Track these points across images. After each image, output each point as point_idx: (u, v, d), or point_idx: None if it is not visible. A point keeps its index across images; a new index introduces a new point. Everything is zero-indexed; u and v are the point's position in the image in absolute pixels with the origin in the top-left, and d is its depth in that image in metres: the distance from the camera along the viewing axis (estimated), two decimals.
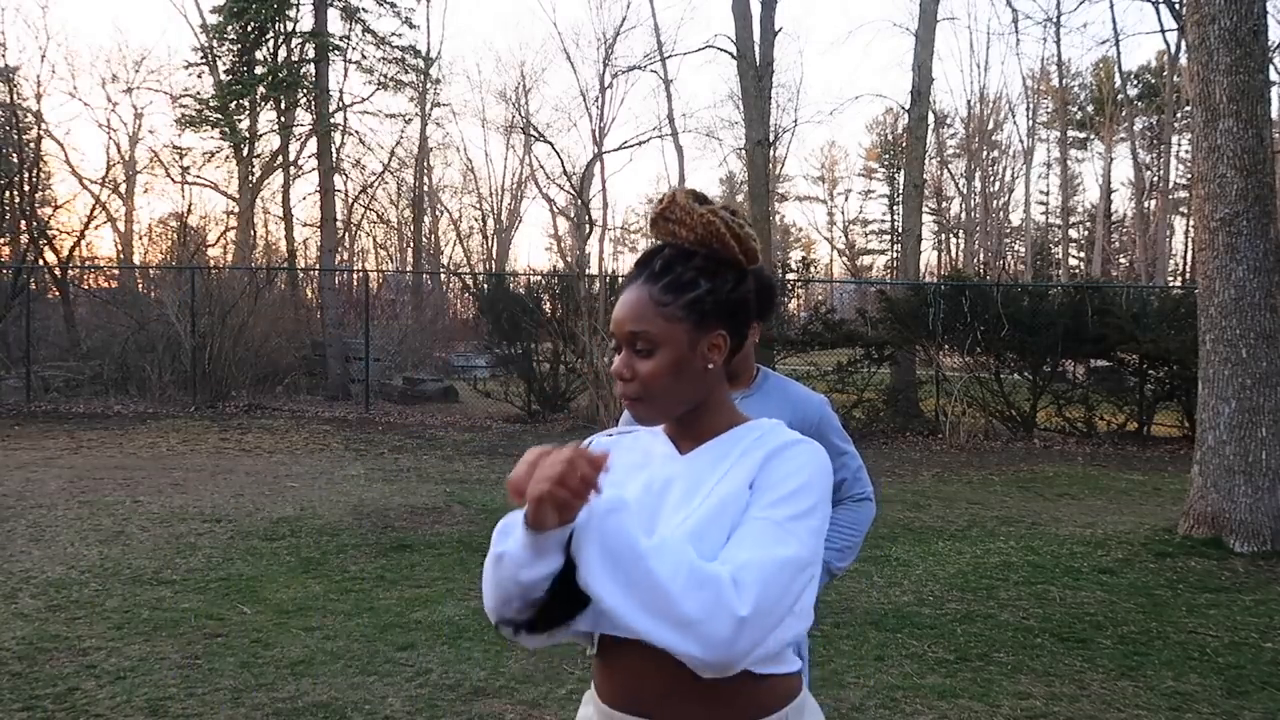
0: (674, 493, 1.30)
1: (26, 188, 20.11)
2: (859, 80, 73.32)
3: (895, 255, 49.37)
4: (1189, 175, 31.22)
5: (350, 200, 29.06)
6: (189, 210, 28.34)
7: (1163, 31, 31.26)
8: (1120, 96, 39.01)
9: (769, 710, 1.27)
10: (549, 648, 4.49)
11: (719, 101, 72.82)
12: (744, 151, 19.50)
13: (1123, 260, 47.92)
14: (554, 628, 1.22)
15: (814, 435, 2.45)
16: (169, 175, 27.68)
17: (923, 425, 14.19)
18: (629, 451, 1.39)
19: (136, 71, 29.29)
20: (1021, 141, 43.79)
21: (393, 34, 23.31)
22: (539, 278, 18.14)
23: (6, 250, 20.33)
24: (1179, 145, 36.03)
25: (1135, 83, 42.87)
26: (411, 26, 23.80)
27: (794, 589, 1.20)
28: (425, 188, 34.76)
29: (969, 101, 45.90)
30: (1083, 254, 50.25)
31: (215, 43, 23.48)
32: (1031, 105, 41.99)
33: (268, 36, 21.53)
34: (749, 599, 1.14)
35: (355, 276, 23.28)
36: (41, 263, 19.67)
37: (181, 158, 26.33)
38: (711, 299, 1.31)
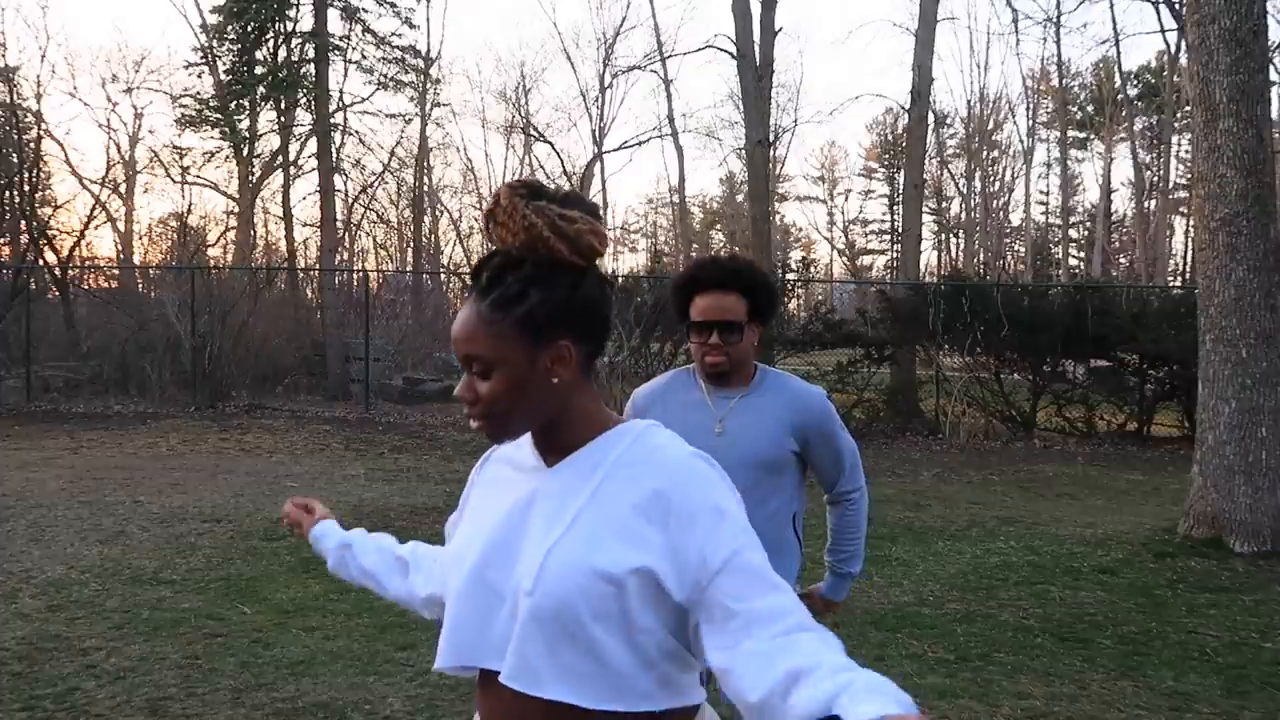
0: (538, 511, 1.23)
1: (26, 188, 20.10)
2: (859, 80, 73.59)
3: (895, 255, 49.36)
4: (1189, 175, 31.22)
5: (350, 200, 29.03)
6: (189, 210, 28.35)
7: (1163, 31, 31.27)
8: (1120, 96, 39.00)
9: None
10: None
11: (719, 101, 72.90)
12: (744, 151, 19.52)
13: (1123, 260, 47.89)
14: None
15: (818, 428, 2.46)
16: (169, 175, 27.69)
17: (923, 425, 14.18)
18: (503, 464, 1.35)
19: (136, 71, 29.17)
20: (1021, 141, 43.84)
21: (393, 34, 23.38)
22: None
23: (6, 250, 20.32)
24: (1179, 145, 36.04)
25: (1135, 83, 42.87)
26: (411, 26, 23.85)
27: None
28: (425, 188, 34.74)
29: (969, 101, 46.05)
30: (1083, 254, 50.23)
31: (215, 43, 23.51)
32: (1031, 105, 42.04)
33: (268, 36, 21.54)
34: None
35: (355, 276, 23.24)
36: (41, 263, 19.66)
37: (181, 158, 26.36)
38: (544, 310, 1.19)
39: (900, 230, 27.28)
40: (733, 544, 1.16)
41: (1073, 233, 49.93)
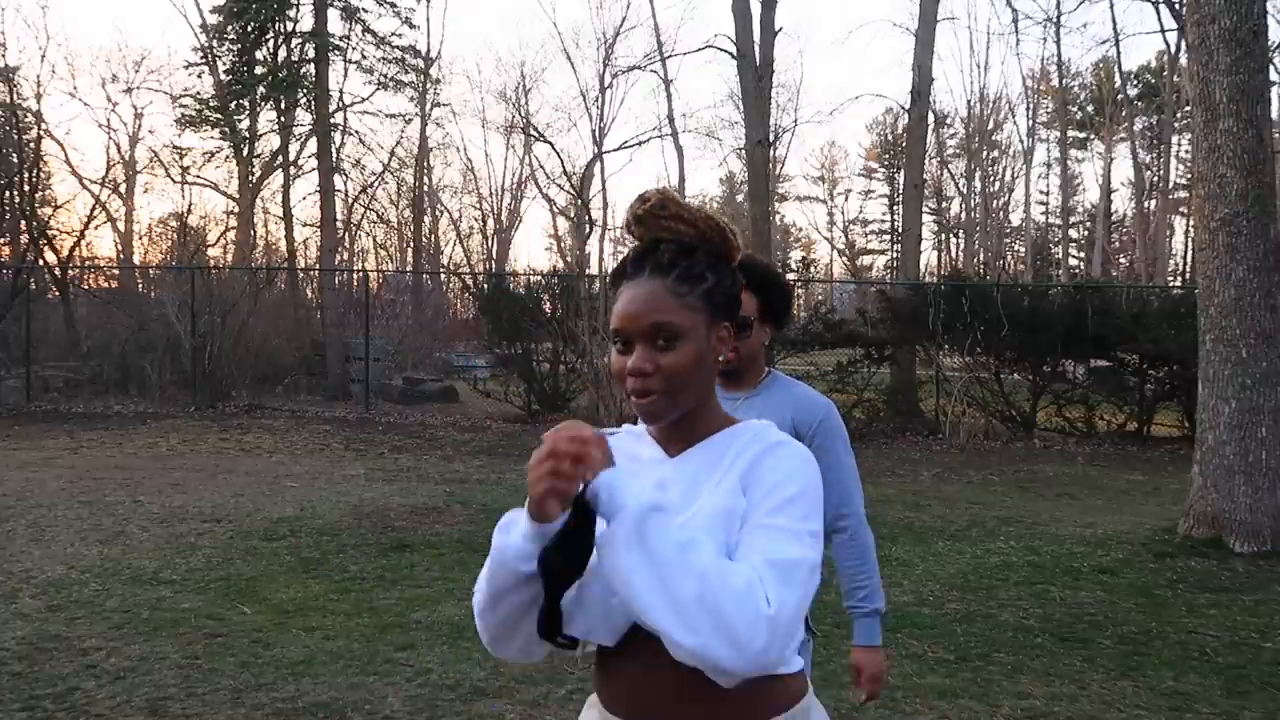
0: (670, 496, 1.27)
1: (26, 188, 20.10)
2: (859, 80, 73.50)
3: (895, 255, 49.36)
4: (1189, 175, 31.22)
5: (350, 200, 29.04)
6: (189, 210, 28.35)
7: (1163, 31, 31.24)
8: (1120, 96, 38.99)
9: (777, 711, 1.27)
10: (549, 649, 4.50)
11: (719, 101, 72.79)
12: (744, 151, 19.52)
13: (1123, 260, 47.88)
14: (551, 632, 1.23)
15: (810, 438, 2.37)
16: (169, 175, 27.69)
17: (923, 425, 14.18)
18: (617, 454, 1.37)
19: (136, 71, 29.11)
20: (1021, 141, 43.79)
21: (393, 34, 23.38)
22: (539, 278, 18.15)
23: (6, 250, 20.32)
24: (1179, 145, 36.03)
25: (1135, 83, 42.86)
26: (411, 26, 23.85)
27: (809, 590, 1.20)
28: (425, 188, 34.75)
29: (969, 101, 45.98)
30: (1083, 254, 50.22)
31: (215, 43, 23.51)
32: (1031, 105, 42.00)
33: (268, 36, 21.55)
34: (774, 600, 1.13)
35: (355, 276, 23.25)
36: (41, 263, 19.67)
37: (181, 158, 26.36)
38: (720, 291, 1.31)
39: (900, 230, 27.29)
40: (779, 516, 1.22)
41: (1073, 233, 49.93)
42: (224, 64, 23.38)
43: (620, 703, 1.30)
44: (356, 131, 25.08)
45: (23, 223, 20.02)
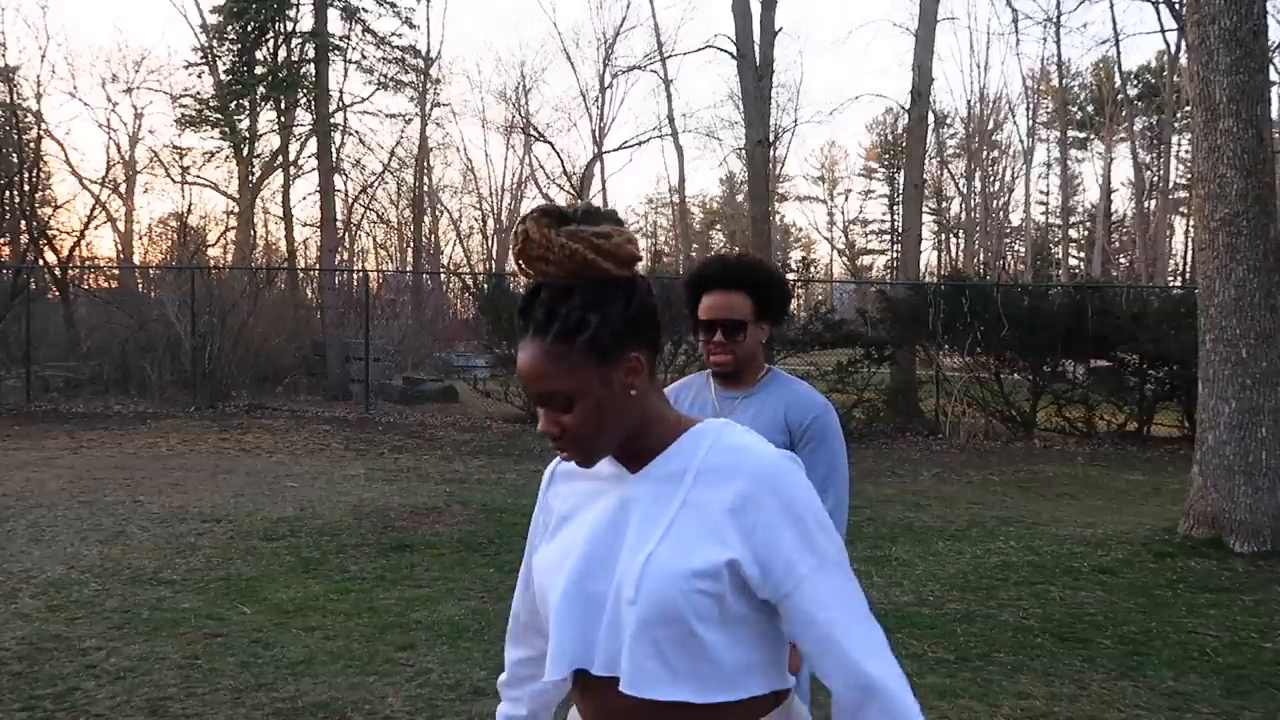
0: (633, 519, 1.26)
1: (26, 188, 20.10)
2: (859, 80, 73.55)
3: (895, 255, 49.35)
4: (1189, 175, 31.22)
5: (350, 200, 29.05)
6: (189, 210, 28.37)
7: (1163, 31, 31.26)
8: (1120, 96, 39.00)
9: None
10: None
11: (719, 101, 72.93)
12: (744, 151, 19.52)
13: (1123, 260, 47.89)
14: None
15: (800, 438, 2.34)
16: (169, 175, 27.71)
17: (923, 425, 14.18)
18: (579, 477, 1.36)
19: (136, 71, 29.21)
20: (1021, 141, 43.84)
21: (393, 34, 23.37)
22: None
23: (6, 250, 20.32)
24: (1179, 145, 36.03)
25: (1135, 83, 42.86)
26: (411, 26, 23.86)
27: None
28: (425, 188, 34.77)
29: (969, 101, 46.06)
30: (1083, 254, 50.23)
31: (215, 43, 23.51)
32: (1031, 105, 42.04)
33: (268, 36, 21.53)
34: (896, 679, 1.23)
35: (355, 276, 23.25)
36: (41, 263, 19.66)
37: (181, 158, 26.37)
38: (608, 330, 1.20)
39: (900, 230, 27.28)
40: (815, 555, 1.21)
41: (1073, 233, 49.93)
42: (224, 64, 23.38)
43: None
44: (356, 131, 25.11)
45: (23, 223, 20.02)
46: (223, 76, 23.32)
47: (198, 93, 24.24)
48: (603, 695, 1.26)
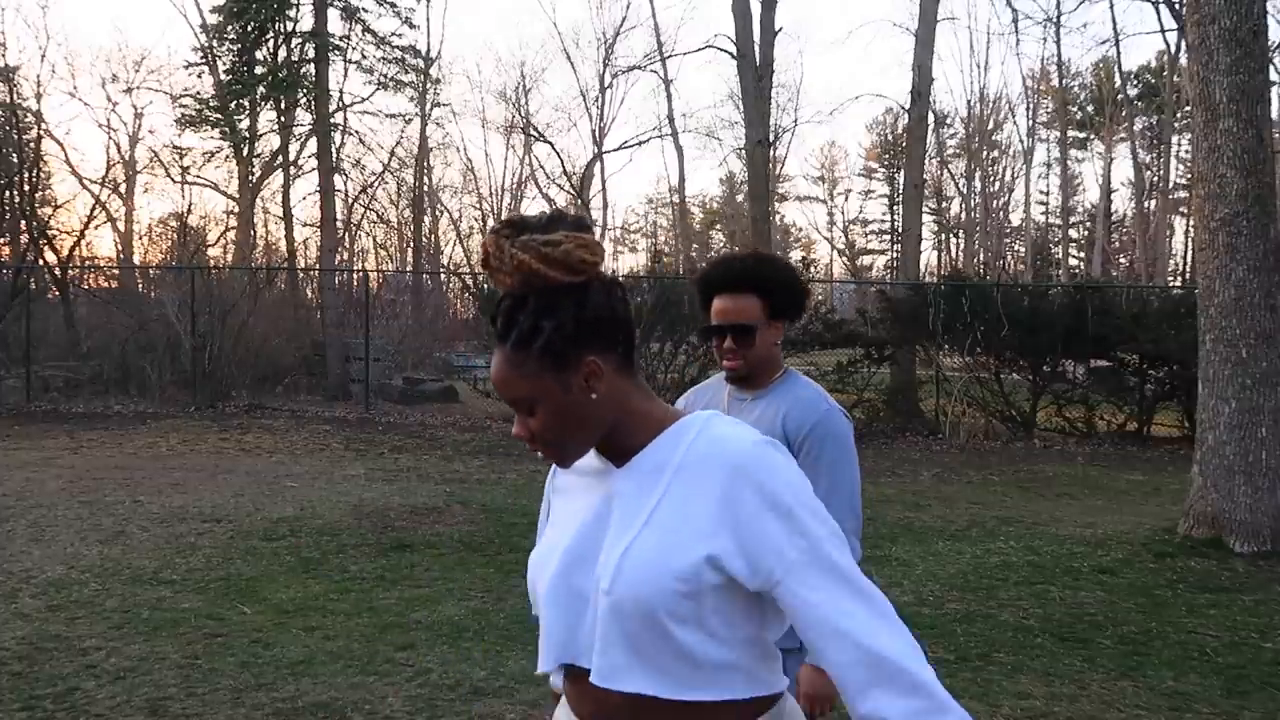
0: (615, 512, 1.27)
1: (26, 188, 20.10)
2: (859, 80, 73.50)
3: (895, 255, 49.34)
4: (1189, 175, 31.22)
5: (350, 200, 29.03)
6: (189, 210, 28.37)
7: (1163, 31, 31.26)
8: (1120, 96, 39.00)
9: None
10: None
11: (719, 101, 72.93)
12: (744, 151, 19.53)
13: (1123, 260, 47.88)
14: None
15: (799, 444, 2.23)
16: (169, 175, 27.71)
17: (923, 425, 14.18)
18: (575, 472, 1.37)
19: (136, 71, 29.14)
20: (1021, 141, 43.81)
21: (393, 34, 23.35)
22: None
23: (6, 250, 20.32)
24: (1179, 145, 36.03)
25: (1135, 83, 42.86)
26: (411, 26, 23.85)
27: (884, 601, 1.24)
28: (425, 188, 34.76)
29: (969, 101, 46.02)
30: (1083, 254, 50.22)
31: (215, 43, 23.51)
32: (1031, 105, 42.02)
33: (268, 36, 21.53)
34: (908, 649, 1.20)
35: (355, 276, 23.24)
36: (41, 263, 19.66)
37: (181, 158, 26.37)
38: (559, 336, 1.23)
39: (900, 230, 27.27)
40: (804, 539, 1.20)
41: (1073, 233, 49.93)
42: (224, 64, 23.37)
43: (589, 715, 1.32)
44: (356, 131, 25.09)
45: (23, 223, 20.02)
46: (223, 76, 23.31)
47: (198, 93, 24.25)
48: (585, 689, 1.27)
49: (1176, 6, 24.16)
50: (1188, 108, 21.52)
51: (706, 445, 1.25)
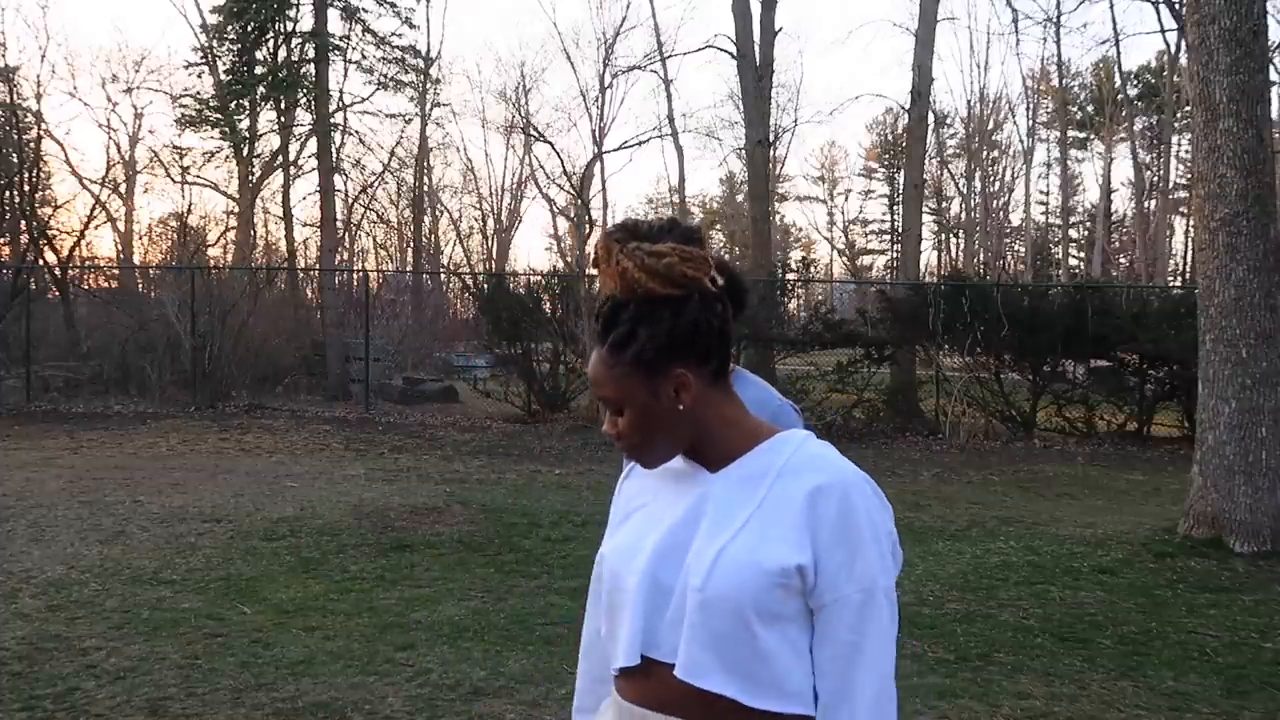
0: (709, 514, 1.30)
1: (26, 188, 20.10)
2: (859, 80, 73.35)
3: (895, 255, 49.35)
4: (1189, 175, 31.22)
5: (350, 200, 29.02)
6: (189, 210, 28.36)
7: (1163, 31, 31.21)
8: (1120, 96, 38.98)
9: None
10: (546, 648, 4.50)
11: (719, 101, 72.78)
12: (744, 151, 19.53)
13: (1123, 260, 47.88)
14: None
15: None
16: (169, 175, 27.68)
17: (923, 425, 14.18)
18: (658, 473, 1.39)
19: (136, 71, 29.06)
20: (1021, 141, 43.75)
21: (393, 34, 23.35)
22: (539, 278, 18.13)
23: (6, 250, 20.33)
24: (1179, 145, 36.02)
25: (1135, 83, 42.84)
26: (411, 26, 23.85)
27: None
28: (425, 188, 34.74)
29: (969, 101, 45.92)
30: (1083, 254, 50.21)
31: (215, 43, 23.50)
32: (1031, 105, 41.98)
33: (268, 36, 21.53)
34: None
35: (355, 276, 23.26)
36: (41, 263, 19.67)
37: (181, 158, 26.35)
38: (652, 345, 1.26)
39: (900, 230, 27.28)
40: (864, 580, 1.24)
41: (1073, 233, 49.91)
42: (224, 64, 23.36)
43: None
44: (356, 131, 25.07)
45: (23, 223, 20.02)
46: (223, 76, 23.31)
47: (198, 93, 24.24)
48: (658, 681, 1.28)
49: (1176, 6, 24.15)
50: (1188, 108, 21.52)
51: (806, 461, 1.29)
